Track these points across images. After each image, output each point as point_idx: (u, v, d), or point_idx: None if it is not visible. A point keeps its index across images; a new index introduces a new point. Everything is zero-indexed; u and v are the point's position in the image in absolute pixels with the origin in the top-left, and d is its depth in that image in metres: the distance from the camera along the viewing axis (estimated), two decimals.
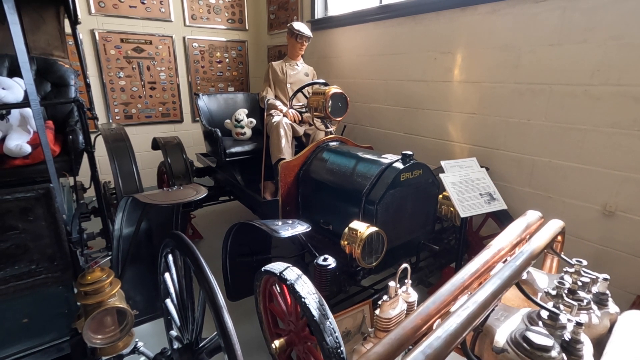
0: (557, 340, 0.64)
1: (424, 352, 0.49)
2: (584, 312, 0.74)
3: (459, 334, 0.53)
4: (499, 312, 0.73)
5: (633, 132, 1.89)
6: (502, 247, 0.78)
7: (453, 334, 0.53)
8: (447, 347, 0.50)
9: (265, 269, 1.67)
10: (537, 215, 0.97)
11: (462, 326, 0.54)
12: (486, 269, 0.73)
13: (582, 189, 2.12)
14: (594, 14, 1.95)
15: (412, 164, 1.92)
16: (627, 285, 2.01)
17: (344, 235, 1.74)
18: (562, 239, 0.93)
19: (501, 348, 0.64)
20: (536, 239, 0.79)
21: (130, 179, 2.38)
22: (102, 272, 1.10)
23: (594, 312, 0.75)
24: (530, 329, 0.63)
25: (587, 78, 2.02)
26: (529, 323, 0.69)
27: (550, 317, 0.67)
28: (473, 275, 0.69)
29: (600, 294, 0.75)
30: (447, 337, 0.52)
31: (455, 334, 0.53)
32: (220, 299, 1.11)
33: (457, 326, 0.54)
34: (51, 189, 1.09)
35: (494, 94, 2.45)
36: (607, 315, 0.76)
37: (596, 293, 0.75)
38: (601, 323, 0.73)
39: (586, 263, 0.76)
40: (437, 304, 0.62)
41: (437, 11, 2.72)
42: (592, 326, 0.72)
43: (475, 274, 0.70)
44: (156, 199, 1.22)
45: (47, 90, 2.07)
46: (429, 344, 0.51)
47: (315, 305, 1.44)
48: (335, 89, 2.34)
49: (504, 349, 0.63)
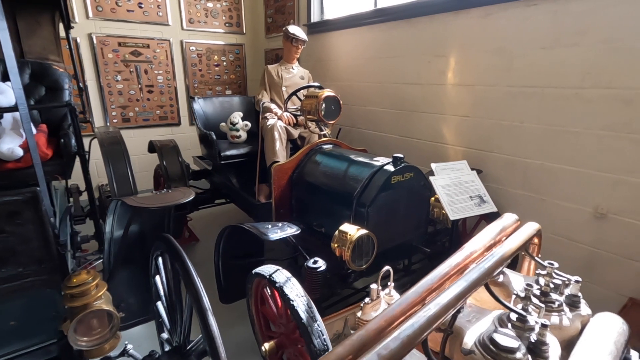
0: (524, 342, 0.64)
1: (378, 353, 0.50)
2: (555, 314, 0.75)
3: (416, 335, 0.53)
4: (471, 314, 0.74)
5: (623, 135, 1.89)
6: (475, 249, 0.79)
7: (411, 335, 0.53)
8: (403, 348, 0.51)
9: (256, 272, 1.68)
10: (513, 218, 0.97)
11: (420, 328, 0.54)
12: (457, 271, 0.74)
13: (574, 192, 2.12)
14: (584, 18, 1.96)
15: (403, 166, 1.93)
16: (619, 288, 2.01)
17: (334, 237, 1.75)
18: (539, 241, 0.94)
19: (469, 349, 0.64)
20: (509, 242, 0.80)
21: (124, 181, 2.40)
22: (87, 274, 1.11)
23: (566, 314, 0.75)
24: (498, 331, 0.64)
25: (578, 81, 2.02)
26: (499, 325, 0.70)
27: (519, 319, 0.67)
28: (442, 277, 0.70)
29: (573, 296, 0.75)
30: (405, 339, 0.52)
31: (413, 335, 0.53)
32: (205, 302, 1.12)
33: (416, 328, 0.54)
34: (38, 193, 1.10)
35: (487, 97, 2.46)
36: (578, 317, 0.76)
37: (569, 295, 0.75)
38: (572, 325, 0.74)
39: (557, 265, 0.77)
40: (403, 306, 0.63)
41: (431, 15, 2.73)
42: (563, 328, 0.73)
43: (445, 277, 0.70)
44: (143, 202, 1.23)
45: (41, 94, 2.09)
46: (384, 345, 0.51)
47: (303, 308, 1.44)
48: (328, 92, 2.36)
49: (472, 350, 0.63)
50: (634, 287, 1.95)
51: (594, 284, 2.10)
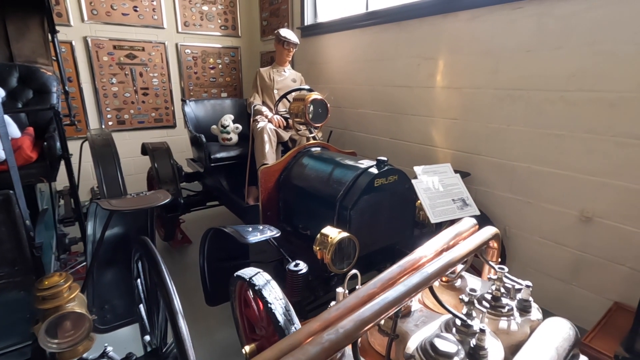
0: (466, 347, 0.64)
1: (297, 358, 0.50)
2: (504, 319, 0.75)
3: (340, 341, 0.53)
4: (420, 319, 0.74)
5: (608, 138, 1.89)
6: (425, 254, 0.78)
7: (334, 340, 0.53)
8: (323, 353, 0.51)
9: (237, 274, 1.68)
10: (470, 223, 0.97)
11: (345, 334, 0.54)
12: (401, 277, 0.74)
13: (560, 195, 2.12)
14: (568, 21, 1.96)
15: (387, 169, 1.93)
16: (604, 291, 2.00)
17: (316, 240, 1.75)
18: (498, 245, 0.93)
19: (410, 354, 0.64)
20: (461, 246, 0.79)
21: (114, 184, 2.41)
22: (60, 277, 1.12)
23: (515, 319, 0.75)
24: (439, 336, 0.64)
25: (563, 84, 2.02)
26: (445, 330, 0.70)
27: (462, 324, 0.67)
28: (385, 283, 0.70)
29: (524, 300, 0.75)
30: (326, 344, 0.52)
31: (337, 340, 0.53)
32: (177, 305, 1.13)
33: (340, 334, 0.54)
34: (11, 196, 1.11)
35: (474, 100, 2.46)
36: (528, 322, 0.76)
37: (520, 300, 0.75)
38: (521, 330, 0.73)
39: (507, 270, 0.77)
40: (341, 311, 0.63)
41: (420, 17, 2.74)
42: (511, 333, 0.73)
43: (389, 282, 0.70)
44: (116, 205, 1.24)
45: (29, 97, 2.11)
46: (304, 351, 0.51)
47: (281, 311, 1.45)
48: (315, 95, 2.36)
49: (412, 355, 0.63)
50: (619, 291, 1.95)
51: (580, 288, 2.10)
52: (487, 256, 0.92)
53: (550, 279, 2.21)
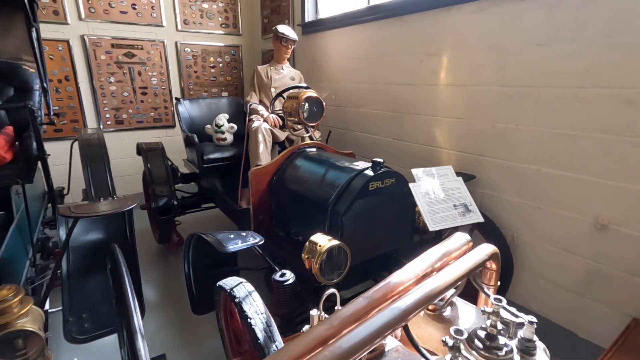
0: None
1: None
2: None
3: None
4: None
5: (626, 138, 1.73)
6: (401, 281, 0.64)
7: None
8: None
9: (219, 284, 1.57)
10: (463, 240, 0.81)
11: None
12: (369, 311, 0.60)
13: (572, 200, 1.95)
14: (582, 12, 1.80)
15: (383, 172, 1.79)
16: (621, 306, 1.83)
17: (305, 248, 1.63)
18: (497, 266, 0.79)
19: None
20: (449, 270, 0.65)
21: (103, 185, 2.32)
22: (8, 290, 1.01)
23: None
24: None
25: (576, 80, 1.86)
26: None
27: None
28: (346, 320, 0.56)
29: (526, 340, 0.60)
30: None
31: None
32: (136, 323, 1.01)
33: None
34: None
35: (480, 98, 2.31)
36: None
37: (521, 339, 0.60)
38: None
39: (505, 302, 0.62)
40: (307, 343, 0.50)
41: (422, 11, 2.60)
42: None
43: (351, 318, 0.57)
44: (77, 212, 1.13)
45: (9, 95, 2.02)
46: None
47: (261, 327, 1.33)
48: (309, 93, 2.24)
49: None
50: (638, 306, 1.77)
51: (595, 301, 1.93)
52: (483, 280, 0.78)
53: (561, 290, 2.05)
